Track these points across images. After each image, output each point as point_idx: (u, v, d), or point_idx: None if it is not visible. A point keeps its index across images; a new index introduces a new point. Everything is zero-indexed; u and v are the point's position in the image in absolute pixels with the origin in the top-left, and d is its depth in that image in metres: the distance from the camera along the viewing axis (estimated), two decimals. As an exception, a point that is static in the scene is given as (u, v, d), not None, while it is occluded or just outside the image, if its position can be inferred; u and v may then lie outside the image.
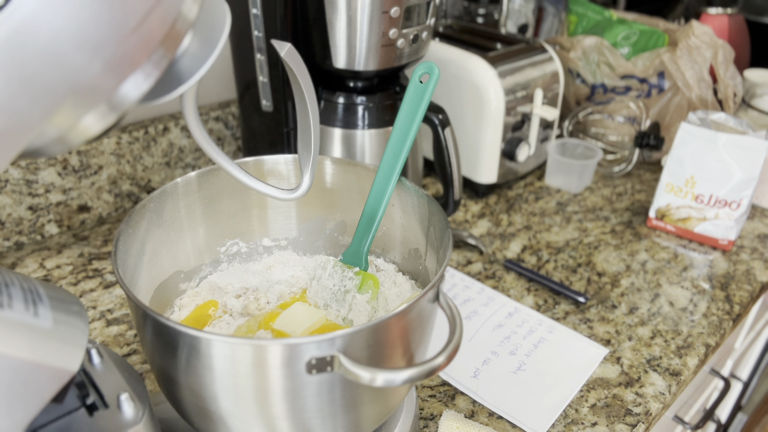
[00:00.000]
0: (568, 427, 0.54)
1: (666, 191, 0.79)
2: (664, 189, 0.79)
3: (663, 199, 0.80)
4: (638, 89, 1.00)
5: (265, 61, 0.69)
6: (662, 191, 0.80)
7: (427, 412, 0.55)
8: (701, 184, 0.76)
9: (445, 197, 0.70)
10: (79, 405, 0.32)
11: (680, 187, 0.77)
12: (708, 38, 0.93)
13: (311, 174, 0.42)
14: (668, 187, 0.78)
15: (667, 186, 0.79)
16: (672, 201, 0.79)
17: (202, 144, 0.39)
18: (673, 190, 0.78)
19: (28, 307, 0.29)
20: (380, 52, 0.64)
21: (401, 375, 0.35)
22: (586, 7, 1.15)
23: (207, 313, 0.51)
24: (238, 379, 0.36)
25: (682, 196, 0.78)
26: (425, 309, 0.40)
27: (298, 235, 0.58)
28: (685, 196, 0.77)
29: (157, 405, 0.50)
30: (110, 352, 0.37)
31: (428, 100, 0.49)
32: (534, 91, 0.88)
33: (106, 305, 0.66)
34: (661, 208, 0.80)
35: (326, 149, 0.71)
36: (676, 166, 0.77)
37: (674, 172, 0.78)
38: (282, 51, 0.37)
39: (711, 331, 0.66)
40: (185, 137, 0.85)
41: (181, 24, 0.28)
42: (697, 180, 0.76)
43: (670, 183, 0.78)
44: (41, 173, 0.74)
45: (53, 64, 0.23)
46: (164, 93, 0.31)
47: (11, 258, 0.73)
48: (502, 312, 0.67)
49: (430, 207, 0.49)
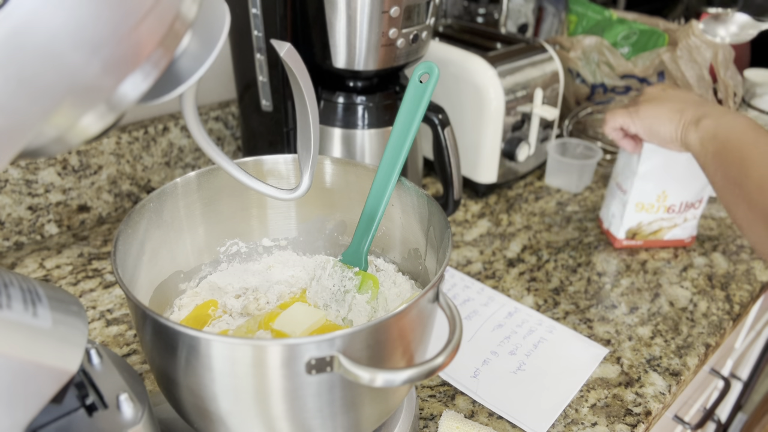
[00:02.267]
0: (568, 427, 0.54)
1: (636, 211, 0.75)
2: (634, 209, 0.75)
3: (633, 220, 0.76)
4: (638, 89, 1.00)
5: (265, 60, 0.69)
6: (631, 212, 0.75)
7: (427, 412, 0.55)
8: (673, 195, 0.74)
9: (445, 197, 0.70)
10: (78, 405, 0.32)
11: (651, 203, 0.74)
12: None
13: (311, 174, 0.42)
14: (638, 206, 0.75)
15: (636, 206, 0.75)
16: (643, 219, 0.76)
17: (202, 144, 0.39)
18: (644, 208, 0.74)
19: (27, 307, 0.29)
20: (380, 51, 0.64)
21: (401, 375, 0.35)
22: (586, 6, 1.15)
23: (206, 313, 0.51)
24: (238, 379, 0.36)
25: (654, 212, 0.75)
26: (425, 309, 0.40)
27: (298, 235, 0.58)
28: (657, 211, 0.75)
29: (156, 405, 0.50)
30: (110, 353, 0.37)
31: (428, 99, 0.49)
32: (534, 91, 0.88)
33: (106, 305, 0.66)
34: (632, 228, 0.77)
35: (326, 149, 0.71)
36: (645, 185, 0.74)
37: (643, 190, 0.74)
38: (281, 51, 0.37)
39: (711, 331, 0.66)
40: (185, 137, 0.85)
41: (180, 24, 0.28)
42: (669, 193, 0.73)
43: (640, 202, 0.74)
44: (41, 173, 0.74)
45: (52, 64, 0.23)
46: (163, 93, 0.31)
47: (11, 258, 0.73)
48: (502, 312, 0.67)
49: (430, 207, 0.49)
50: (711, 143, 0.59)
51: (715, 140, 0.58)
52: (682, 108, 0.64)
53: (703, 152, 0.60)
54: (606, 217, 0.80)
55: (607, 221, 0.80)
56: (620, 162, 0.78)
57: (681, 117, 0.63)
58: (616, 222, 0.77)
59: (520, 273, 0.74)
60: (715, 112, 0.61)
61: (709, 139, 0.59)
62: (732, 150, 0.57)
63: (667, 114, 0.64)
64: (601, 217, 0.82)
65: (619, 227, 0.77)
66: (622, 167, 0.76)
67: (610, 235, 0.79)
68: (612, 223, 0.78)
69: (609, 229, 0.79)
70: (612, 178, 0.79)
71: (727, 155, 0.57)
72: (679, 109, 0.64)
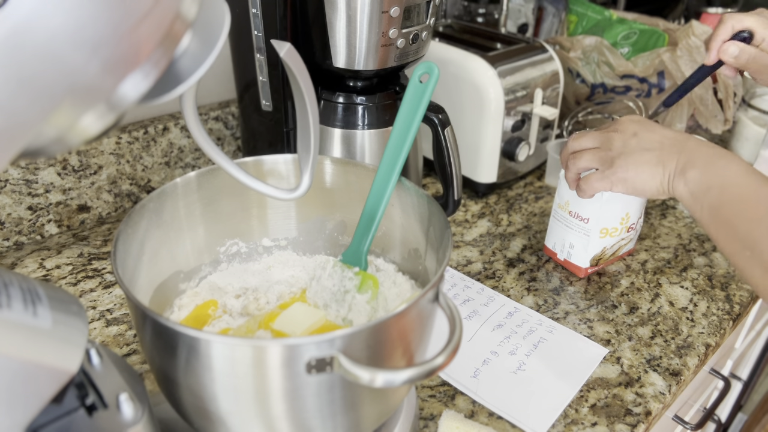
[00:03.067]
0: (568, 427, 0.54)
1: (600, 238, 0.70)
2: (598, 236, 0.70)
3: (597, 247, 0.71)
4: (638, 89, 1.00)
5: (265, 60, 0.69)
6: (596, 240, 0.70)
7: (427, 412, 0.55)
8: (634, 214, 0.71)
9: (445, 197, 0.70)
10: (78, 405, 0.32)
11: (615, 227, 0.69)
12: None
13: (311, 174, 0.42)
14: (602, 233, 0.69)
15: (601, 232, 0.69)
16: (607, 243, 0.71)
17: (202, 144, 0.39)
18: (608, 233, 0.70)
19: (27, 307, 0.29)
20: (380, 51, 0.64)
21: (401, 375, 0.35)
22: (586, 6, 1.15)
23: (206, 313, 0.51)
24: (238, 379, 0.36)
25: (617, 234, 0.71)
26: (425, 309, 0.40)
27: (298, 235, 0.58)
28: (620, 233, 0.71)
29: (156, 405, 0.50)
30: (110, 353, 0.37)
31: (428, 99, 0.49)
32: (534, 91, 0.88)
33: (106, 305, 0.66)
34: (596, 255, 0.71)
35: (326, 149, 0.71)
36: (609, 210, 0.68)
37: (608, 217, 0.69)
38: (281, 51, 0.37)
39: (711, 331, 0.66)
40: (185, 137, 0.85)
41: (180, 24, 0.28)
42: (631, 213, 0.70)
43: (605, 228, 0.70)
44: (41, 173, 0.74)
45: (52, 64, 0.23)
46: (163, 93, 0.31)
47: (11, 258, 0.73)
48: (502, 312, 0.67)
49: (430, 207, 0.49)
50: (705, 197, 0.53)
51: (709, 194, 0.53)
52: (661, 157, 0.57)
53: (698, 206, 0.54)
54: (560, 248, 0.74)
55: (563, 252, 0.74)
56: (567, 191, 0.70)
57: (664, 170, 0.57)
58: (578, 252, 0.72)
59: (520, 273, 0.74)
60: (699, 157, 0.54)
61: (702, 192, 0.53)
62: (732, 206, 0.51)
63: (647, 170, 0.58)
64: (551, 248, 0.76)
65: (583, 257, 0.72)
66: (572, 197, 0.70)
67: (571, 266, 0.74)
68: (572, 254, 0.72)
69: (568, 260, 0.73)
70: (559, 208, 0.72)
71: (727, 214, 0.51)
72: (658, 159, 0.57)
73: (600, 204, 0.67)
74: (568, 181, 0.67)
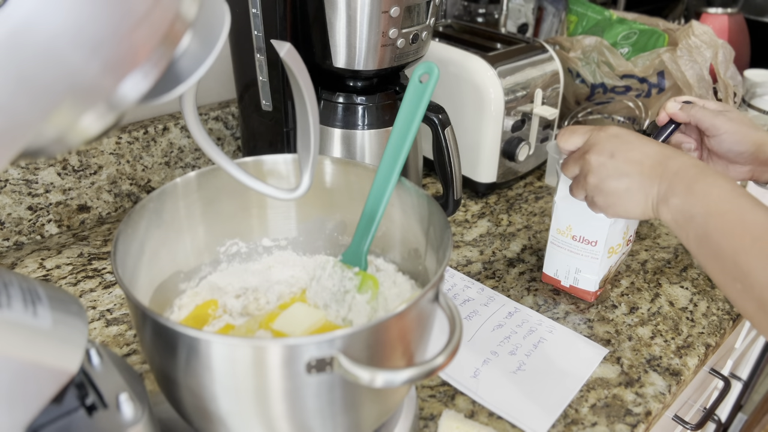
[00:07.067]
0: (568, 427, 0.54)
1: (607, 257, 0.67)
2: (606, 256, 0.66)
3: (605, 267, 0.68)
4: (638, 89, 1.00)
5: (265, 60, 0.69)
6: (604, 261, 0.67)
7: (427, 412, 0.55)
8: (631, 226, 0.69)
9: (445, 197, 0.70)
10: (78, 405, 0.32)
11: (619, 243, 0.67)
12: (708, 38, 0.93)
13: (311, 174, 0.42)
14: (610, 251, 0.67)
15: (609, 251, 0.66)
16: (612, 261, 0.69)
17: (202, 144, 0.39)
18: (613, 251, 0.67)
19: (27, 307, 0.29)
20: (380, 51, 0.64)
21: (401, 375, 0.35)
22: (586, 6, 1.15)
23: (206, 313, 0.51)
24: (238, 379, 0.36)
25: (620, 249, 0.69)
26: (425, 309, 0.40)
27: (298, 235, 0.58)
28: (622, 247, 0.69)
29: (156, 405, 0.50)
30: (110, 353, 0.37)
31: (428, 100, 0.49)
32: (534, 91, 0.88)
33: (106, 305, 0.66)
34: (605, 276, 0.68)
35: (326, 149, 0.71)
36: (615, 229, 0.66)
37: (614, 235, 0.66)
38: (282, 51, 0.37)
39: (711, 331, 0.66)
40: (185, 137, 0.85)
41: (180, 24, 0.28)
42: (630, 226, 0.68)
43: (612, 248, 0.66)
44: (41, 173, 0.74)
45: (52, 64, 0.23)
46: (163, 93, 0.31)
47: (11, 258, 0.73)
48: (502, 312, 0.67)
49: (430, 207, 0.49)
50: (689, 226, 0.50)
51: (693, 223, 0.49)
52: (641, 183, 0.53)
53: (684, 235, 0.51)
54: (564, 274, 0.69)
55: (568, 278, 0.69)
56: (571, 214, 0.66)
57: (646, 198, 0.53)
58: (586, 276, 0.68)
59: (520, 273, 0.74)
60: (679, 182, 0.51)
61: (685, 221, 0.50)
62: (717, 235, 0.47)
63: (627, 197, 0.54)
64: (552, 275, 0.71)
65: (593, 280, 0.68)
66: (574, 221, 0.66)
67: (578, 291, 0.69)
68: (579, 279, 0.68)
69: (575, 286, 0.69)
70: (559, 234, 0.68)
71: (713, 244, 0.48)
72: (639, 186, 0.53)
73: (608, 225, 0.64)
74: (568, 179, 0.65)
